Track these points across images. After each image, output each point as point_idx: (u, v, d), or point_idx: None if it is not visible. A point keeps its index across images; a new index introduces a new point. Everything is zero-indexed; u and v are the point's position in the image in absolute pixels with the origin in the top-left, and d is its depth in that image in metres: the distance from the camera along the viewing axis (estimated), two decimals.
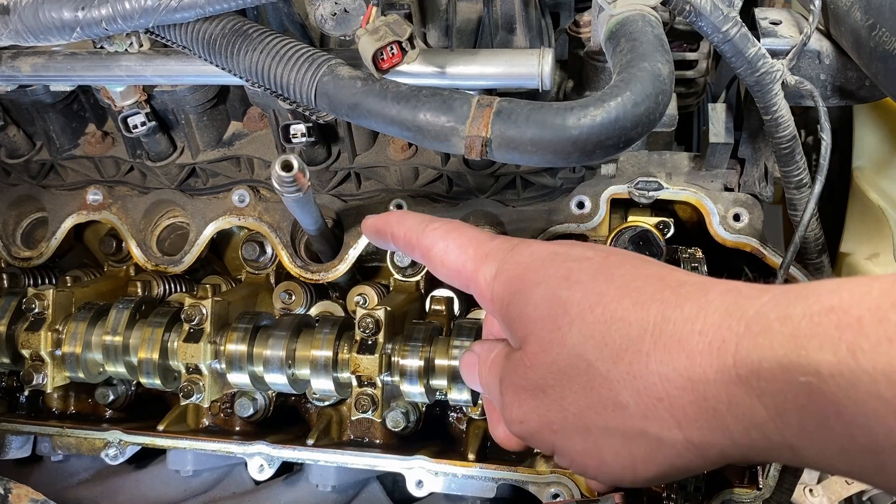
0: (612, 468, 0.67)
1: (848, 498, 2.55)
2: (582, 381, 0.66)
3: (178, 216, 1.56)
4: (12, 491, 1.22)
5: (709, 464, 0.64)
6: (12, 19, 1.04)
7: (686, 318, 0.61)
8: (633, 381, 0.63)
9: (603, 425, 0.66)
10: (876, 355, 0.49)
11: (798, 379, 0.52)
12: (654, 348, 0.62)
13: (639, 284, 0.67)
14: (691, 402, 0.59)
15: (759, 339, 0.56)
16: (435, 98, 0.95)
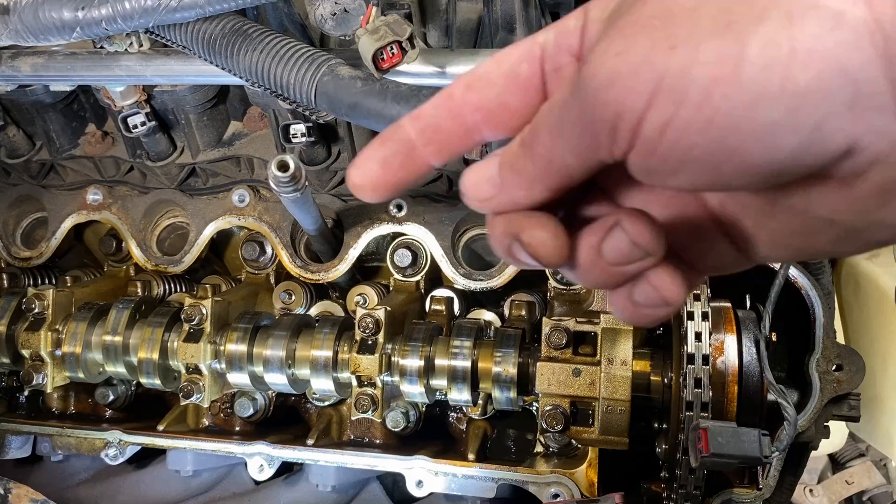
0: (754, 70, 0.45)
1: (848, 498, 2.56)
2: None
3: (178, 216, 1.56)
4: (12, 491, 1.23)
5: (884, 76, 0.45)
6: (12, 19, 1.04)
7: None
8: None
9: (756, 13, 0.46)
10: None
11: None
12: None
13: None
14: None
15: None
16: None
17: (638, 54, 0.48)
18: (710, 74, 0.45)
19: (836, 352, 1.25)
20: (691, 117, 0.46)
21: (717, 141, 0.47)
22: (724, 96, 0.45)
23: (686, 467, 1.17)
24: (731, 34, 0.45)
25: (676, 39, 0.47)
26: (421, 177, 0.61)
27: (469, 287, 1.39)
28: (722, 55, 0.45)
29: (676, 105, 0.46)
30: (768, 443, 1.08)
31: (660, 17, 0.48)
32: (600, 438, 1.26)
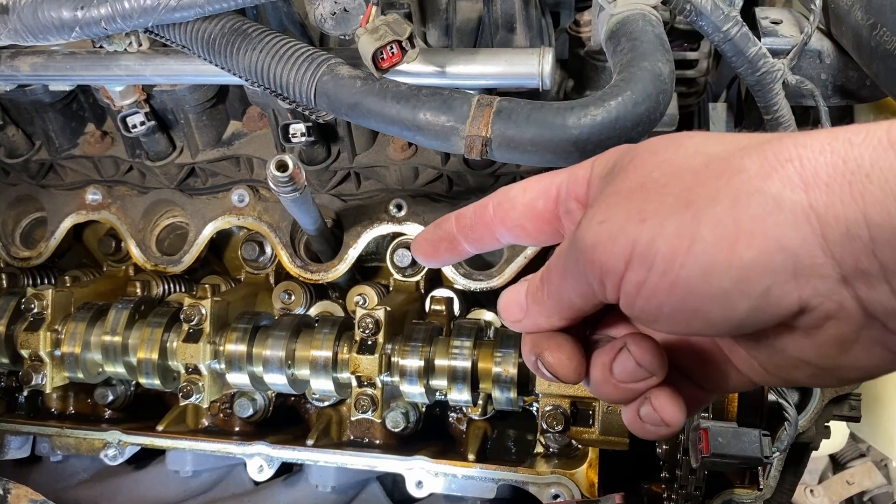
0: (705, 245, 0.53)
1: (849, 498, 2.56)
2: (696, 166, 0.57)
3: (178, 216, 1.56)
4: (11, 491, 1.22)
5: (822, 251, 0.51)
6: (11, 19, 1.04)
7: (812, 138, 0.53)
8: (760, 148, 0.54)
9: (711, 194, 0.54)
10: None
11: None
12: (788, 136, 0.54)
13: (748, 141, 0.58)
14: (827, 163, 0.50)
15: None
16: (435, 97, 0.94)
17: (616, 224, 0.58)
18: (671, 247, 0.54)
19: None
20: (658, 281, 0.55)
21: (681, 302, 0.55)
22: (682, 266, 0.54)
23: (686, 468, 1.17)
24: (689, 213, 0.54)
25: (646, 213, 0.56)
26: (461, 257, 0.78)
27: (469, 287, 1.39)
28: (681, 231, 0.54)
29: (646, 270, 0.56)
30: (769, 443, 1.08)
31: (636, 190, 0.59)
32: (600, 439, 1.26)
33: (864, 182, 0.49)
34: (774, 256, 0.51)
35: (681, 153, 0.59)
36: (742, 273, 0.52)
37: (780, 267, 0.52)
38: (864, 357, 0.55)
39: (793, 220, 0.51)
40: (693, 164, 0.57)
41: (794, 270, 0.52)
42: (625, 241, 0.57)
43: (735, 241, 0.52)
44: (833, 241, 0.50)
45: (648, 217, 0.56)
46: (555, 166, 1.35)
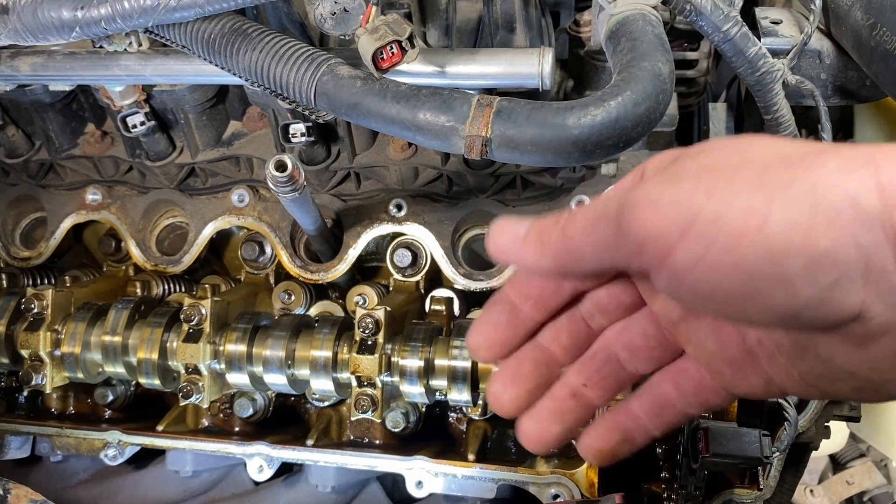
0: (778, 227, 0.50)
1: (849, 498, 2.56)
2: (770, 157, 0.54)
3: (178, 216, 1.56)
4: (11, 491, 1.22)
5: (893, 258, 0.50)
6: (11, 19, 1.04)
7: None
8: (835, 150, 0.53)
9: (787, 180, 0.51)
10: None
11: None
12: (862, 144, 0.54)
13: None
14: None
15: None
16: (435, 97, 0.94)
17: (680, 192, 0.54)
18: (740, 224, 0.51)
19: None
20: (720, 259, 0.52)
21: (743, 283, 0.52)
22: (750, 245, 0.51)
23: (686, 468, 1.17)
24: (762, 193, 0.52)
25: (715, 189, 0.53)
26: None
27: (469, 287, 1.39)
28: (752, 209, 0.51)
29: (706, 245, 0.52)
30: (769, 443, 1.08)
31: (705, 170, 0.56)
32: None
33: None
34: (849, 251, 0.50)
35: (753, 146, 0.57)
36: (813, 261, 0.50)
37: (853, 262, 0.50)
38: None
39: (868, 222, 0.49)
40: (766, 156, 0.55)
41: (864, 270, 0.50)
42: (686, 211, 0.53)
43: (810, 227, 0.50)
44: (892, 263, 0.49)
45: (717, 192, 0.53)
46: (555, 166, 1.35)
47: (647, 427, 0.70)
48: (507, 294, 0.71)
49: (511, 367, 0.71)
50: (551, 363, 0.71)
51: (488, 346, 0.71)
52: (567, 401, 0.70)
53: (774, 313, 0.53)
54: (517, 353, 0.71)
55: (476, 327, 0.71)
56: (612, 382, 0.71)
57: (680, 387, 0.69)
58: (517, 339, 0.71)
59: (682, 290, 0.56)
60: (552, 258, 0.63)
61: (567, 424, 0.71)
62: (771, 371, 0.62)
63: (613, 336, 0.71)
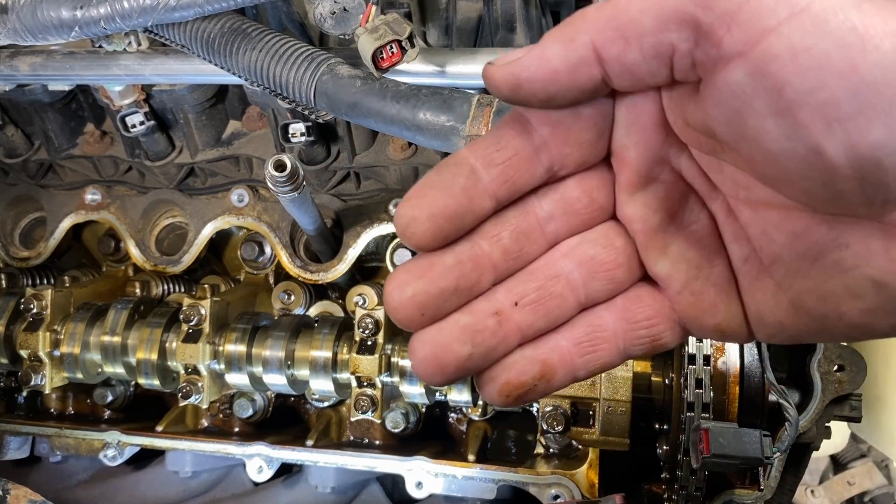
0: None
1: (850, 499, 2.56)
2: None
3: (177, 216, 1.55)
4: (11, 492, 1.22)
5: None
6: (10, 18, 1.03)
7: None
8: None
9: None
10: None
11: None
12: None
13: None
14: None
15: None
16: (435, 97, 0.94)
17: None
18: (866, 23, 0.41)
19: (838, 352, 1.24)
20: (836, 55, 0.41)
21: (849, 92, 0.41)
22: (877, 50, 0.41)
23: (687, 468, 1.17)
24: (891, 4, 0.42)
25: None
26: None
27: None
28: (883, 11, 0.42)
29: (822, 34, 0.42)
30: (769, 443, 1.07)
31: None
32: (601, 439, 1.26)
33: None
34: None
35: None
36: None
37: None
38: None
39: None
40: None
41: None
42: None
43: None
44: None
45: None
46: None
47: (574, 364, 0.55)
48: (464, 155, 0.53)
49: (428, 257, 0.52)
50: (481, 264, 0.53)
51: (431, 216, 0.50)
52: (487, 319, 0.53)
53: (857, 152, 0.42)
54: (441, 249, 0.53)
55: (421, 190, 0.51)
56: (551, 307, 0.54)
57: (629, 317, 0.56)
58: (469, 219, 0.52)
59: (759, 91, 0.44)
60: (592, 36, 0.47)
61: (479, 349, 0.52)
62: (753, 296, 0.52)
63: (567, 249, 0.56)
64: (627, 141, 0.53)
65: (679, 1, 0.45)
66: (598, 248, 0.56)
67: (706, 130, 0.49)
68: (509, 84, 0.50)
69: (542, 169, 0.54)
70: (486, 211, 0.53)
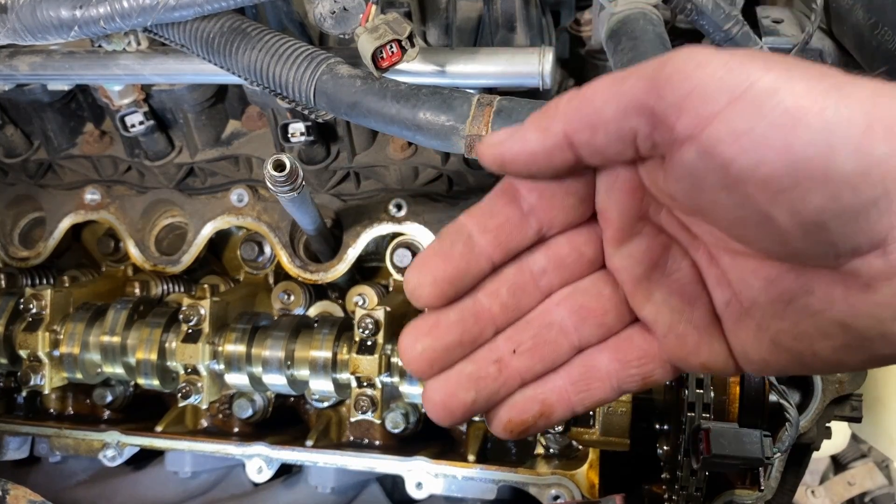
0: (839, 117, 0.46)
1: (850, 499, 2.55)
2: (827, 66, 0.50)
3: (177, 216, 1.55)
4: (10, 492, 1.22)
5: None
6: (10, 18, 1.03)
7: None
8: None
9: (849, 78, 0.48)
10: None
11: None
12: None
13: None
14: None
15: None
16: (435, 97, 0.94)
17: (734, 59, 0.48)
18: (799, 105, 0.46)
19: None
20: (769, 135, 0.46)
21: (786, 168, 0.46)
22: (809, 129, 0.46)
23: (687, 469, 1.17)
24: (825, 82, 0.47)
25: (773, 66, 0.48)
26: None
27: None
28: (812, 92, 0.46)
29: (758, 117, 0.47)
30: (770, 444, 1.07)
31: (761, 55, 0.50)
32: (601, 440, 1.25)
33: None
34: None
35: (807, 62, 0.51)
36: (866, 166, 0.45)
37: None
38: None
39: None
40: (824, 67, 0.50)
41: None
42: (740, 78, 0.47)
43: (871, 127, 0.45)
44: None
45: (775, 69, 0.48)
46: None
47: (571, 402, 0.61)
48: (462, 223, 0.61)
49: (434, 315, 0.60)
50: (482, 319, 0.60)
51: (434, 281, 0.59)
52: (488, 367, 0.60)
53: (802, 217, 0.48)
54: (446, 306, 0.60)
55: (425, 258, 0.60)
56: (547, 353, 0.61)
57: (622, 358, 0.61)
58: (468, 280, 0.60)
59: (709, 168, 0.49)
60: (563, 125, 0.54)
61: (482, 394, 0.59)
62: (737, 336, 0.57)
63: (560, 298, 0.62)
64: (608, 203, 0.59)
65: (636, 91, 0.51)
66: (588, 297, 0.62)
67: (674, 197, 0.55)
68: (496, 163, 0.58)
69: (532, 231, 0.61)
70: (483, 271, 0.60)
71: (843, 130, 0.46)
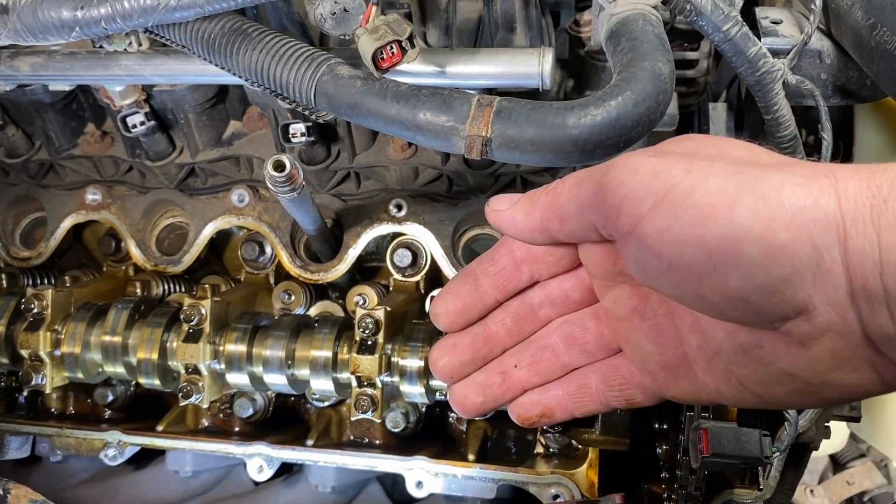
0: (745, 212, 0.54)
1: (849, 498, 2.56)
2: (744, 155, 0.60)
3: (178, 216, 1.56)
4: (11, 491, 1.22)
5: (841, 261, 0.53)
6: (11, 19, 1.03)
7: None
8: (803, 162, 0.59)
9: (758, 173, 0.55)
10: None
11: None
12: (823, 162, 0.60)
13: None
14: (856, 183, 0.54)
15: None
16: (435, 97, 0.94)
17: (661, 164, 0.58)
18: (711, 203, 0.55)
19: None
20: (686, 231, 0.56)
21: (703, 258, 0.55)
22: (717, 224, 0.55)
23: (687, 468, 1.17)
24: (735, 179, 0.55)
25: (693, 168, 0.57)
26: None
27: None
28: (723, 190, 0.55)
29: (677, 216, 0.56)
30: (769, 443, 1.07)
31: (687, 152, 0.61)
32: (601, 439, 1.26)
33: (881, 206, 0.52)
34: (804, 248, 0.53)
35: (731, 144, 0.62)
36: (772, 251, 0.53)
37: (806, 260, 0.53)
38: (852, 376, 0.57)
39: (824, 224, 0.53)
40: (742, 154, 0.60)
41: (815, 269, 0.53)
42: (663, 181, 0.57)
43: (773, 219, 0.53)
44: (850, 255, 0.53)
45: (695, 171, 0.57)
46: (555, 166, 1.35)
47: (569, 408, 0.77)
48: (472, 269, 0.78)
49: (454, 337, 0.78)
50: (491, 341, 0.78)
51: (447, 312, 0.78)
52: (494, 377, 0.77)
53: (728, 295, 0.56)
54: (465, 329, 0.79)
55: (442, 294, 0.79)
56: (544, 368, 0.77)
57: (607, 381, 0.75)
58: (475, 311, 0.78)
59: (647, 258, 0.59)
60: (540, 215, 0.69)
61: (488, 398, 0.78)
62: (706, 377, 0.66)
63: (555, 326, 0.77)
64: (588, 262, 0.73)
65: (587, 194, 0.63)
66: (575, 329, 0.76)
67: (630, 274, 0.67)
68: (495, 225, 0.74)
69: (525, 277, 0.76)
70: (489, 306, 0.78)
71: (748, 224, 0.54)
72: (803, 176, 0.55)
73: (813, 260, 0.53)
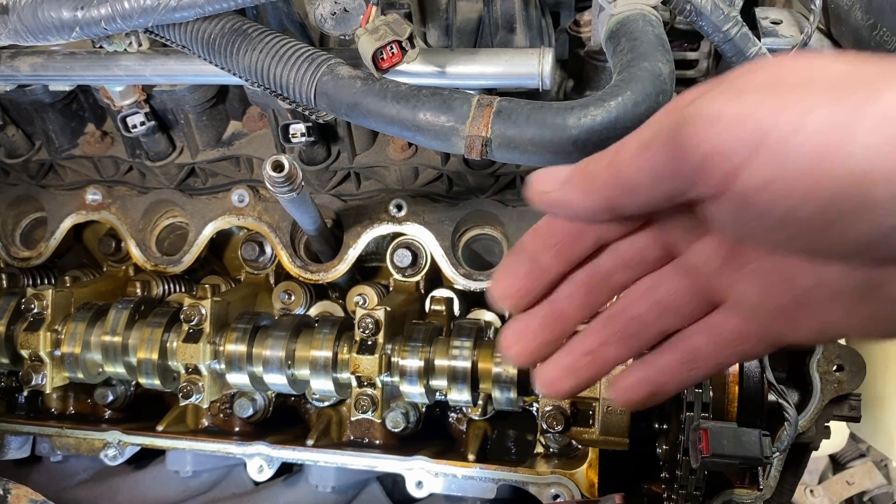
0: (867, 142, 0.44)
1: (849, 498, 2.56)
2: (841, 70, 0.49)
3: (178, 216, 1.56)
4: (11, 491, 1.22)
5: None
6: (11, 19, 1.03)
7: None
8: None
9: (870, 91, 0.46)
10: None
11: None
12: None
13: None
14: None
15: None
16: (435, 97, 0.94)
17: (745, 106, 0.48)
18: (820, 141, 0.45)
19: (837, 352, 1.24)
20: (796, 181, 0.47)
21: (822, 207, 0.47)
22: (835, 165, 0.45)
23: (686, 468, 1.17)
24: (844, 106, 0.45)
25: (788, 102, 0.47)
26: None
27: (469, 287, 1.39)
28: (834, 124, 0.45)
29: (782, 164, 0.47)
30: (769, 443, 1.07)
31: (773, 83, 0.49)
32: (601, 439, 1.26)
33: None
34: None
35: (817, 61, 0.50)
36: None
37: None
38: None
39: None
40: (839, 70, 0.49)
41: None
42: (755, 127, 0.47)
43: (894, 150, 0.44)
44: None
45: (789, 107, 0.47)
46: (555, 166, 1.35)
47: (681, 379, 0.68)
48: (525, 243, 0.67)
49: (521, 321, 0.69)
50: (563, 319, 0.69)
51: (508, 295, 0.68)
52: (582, 358, 0.69)
53: (851, 243, 0.48)
54: (531, 309, 0.69)
55: (497, 277, 0.69)
56: (635, 342, 0.68)
57: (716, 341, 0.65)
58: (539, 289, 0.68)
59: (748, 218, 0.51)
60: (601, 195, 0.58)
61: (580, 380, 0.69)
62: (829, 316, 0.57)
63: (639, 294, 0.67)
64: (665, 220, 0.63)
65: (660, 159, 0.53)
66: (665, 292, 0.66)
67: (724, 233, 0.58)
68: (544, 208, 0.64)
69: (590, 242, 0.65)
70: (552, 281, 0.67)
71: (870, 160, 0.45)
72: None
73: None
